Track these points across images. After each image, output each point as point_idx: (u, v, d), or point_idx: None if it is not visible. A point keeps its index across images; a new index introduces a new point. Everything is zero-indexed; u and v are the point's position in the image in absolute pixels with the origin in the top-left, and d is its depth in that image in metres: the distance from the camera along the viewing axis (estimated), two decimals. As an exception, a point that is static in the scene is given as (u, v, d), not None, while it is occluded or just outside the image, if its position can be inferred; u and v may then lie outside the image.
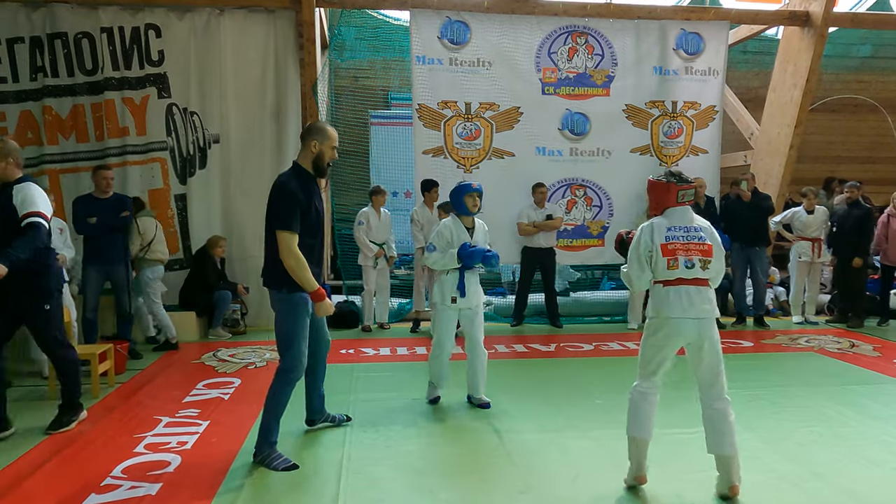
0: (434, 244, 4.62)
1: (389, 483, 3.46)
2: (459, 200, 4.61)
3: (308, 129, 3.75)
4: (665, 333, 3.17)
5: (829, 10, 8.20)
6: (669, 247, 3.17)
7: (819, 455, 3.82)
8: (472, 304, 4.66)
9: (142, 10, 7.49)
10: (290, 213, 3.48)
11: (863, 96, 10.63)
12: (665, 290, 3.18)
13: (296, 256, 3.48)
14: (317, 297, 3.58)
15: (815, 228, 7.90)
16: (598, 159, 8.33)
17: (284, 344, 3.64)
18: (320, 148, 3.65)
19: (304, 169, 3.66)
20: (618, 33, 8.25)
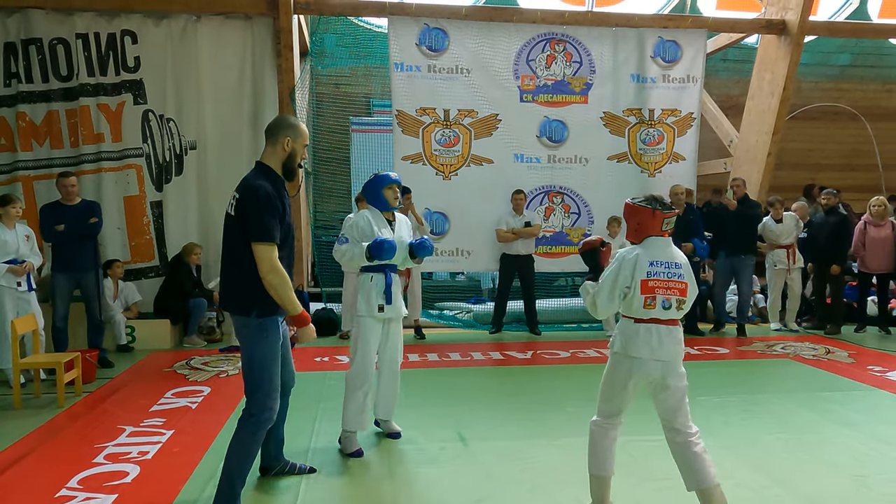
0: (346, 236, 4.00)
1: (350, 494, 3.43)
2: (378, 194, 3.99)
3: (277, 124, 3.14)
4: (627, 371, 2.95)
5: (805, 18, 8.27)
6: (650, 284, 2.90)
7: (783, 462, 3.81)
8: (399, 312, 4.05)
9: (118, 16, 7.46)
10: (271, 222, 2.94)
11: (842, 104, 10.70)
12: (636, 326, 2.95)
13: (279, 272, 2.93)
14: (301, 321, 3.01)
15: (787, 235, 7.91)
16: (575, 166, 8.34)
17: (254, 381, 3.04)
18: (293, 146, 3.09)
19: (273, 171, 3.08)
20: (595, 41, 8.28)
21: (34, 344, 5.53)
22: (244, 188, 3.00)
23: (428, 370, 6.17)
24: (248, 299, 2.99)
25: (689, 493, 2.93)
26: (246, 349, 3.05)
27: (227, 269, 3.10)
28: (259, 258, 2.93)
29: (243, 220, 2.94)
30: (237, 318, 3.07)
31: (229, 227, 3.04)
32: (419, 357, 6.62)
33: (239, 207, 2.97)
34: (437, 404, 5.01)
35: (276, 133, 3.10)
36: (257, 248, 2.92)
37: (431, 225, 8.13)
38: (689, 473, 2.92)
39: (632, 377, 2.95)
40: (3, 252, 5.51)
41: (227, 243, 3.07)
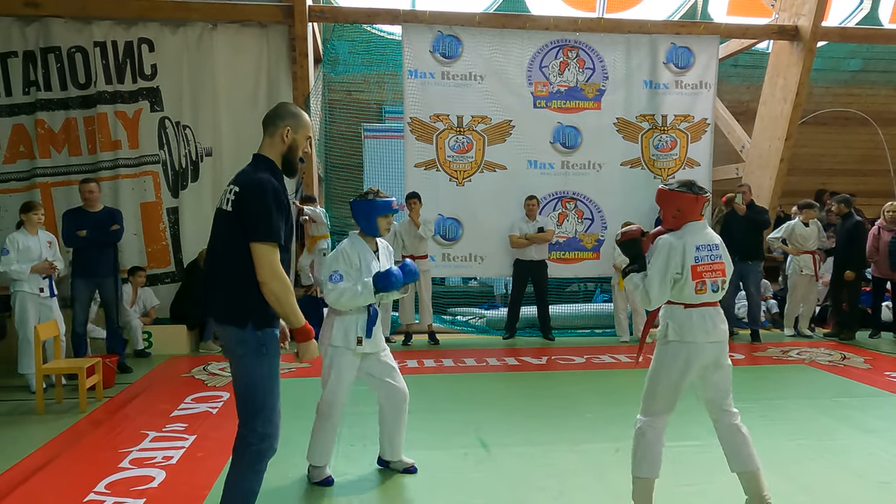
0: (340, 272, 3.49)
1: (376, 499, 3.44)
2: (371, 220, 3.58)
3: (277, 113, 2.75)
4: (686, 359, 2.92)
5: (817, 24, 8.28)
6: (699, 269, 2.92)
7: (807, 468, 3.81)
8: (379, 346, 3.66)
9: (135, 25, 7.54)
10: (277, 220, 2.58)
11: (853, 109, 10.69)
12: (688, 311, 2.95)
13: (282, 278, 2.56)
14: (304, 334, 2.61)
15: (813, 241, 7.86)
16: (589, 172, 8.36)
17: (254, 405, 2.60)
18: (293, 137, 2.71)
19: (275, 165, 2.72)
20: (608, 47, 8.31)
21: (55, 349, 5.58)
22: (247, 182, 2.61)
23: (444, 375, 6.19)
24: (245, 308, 2.58)
25: (709, 497, 2.95)
26: (243, 368, 2.61)
27: (217, 274, 2.67)
28: (259, 261, 2.54)
29: (244, 218, 2.56)
30: (231, 331, 2.61)
31: (223, 225, 2.65)
32: (434, 363, 6.64)
33: (239, 203, 2.58)
34: (456, 409, 5.03)
35: (275, 122, 2.72)
36: (258, 249, 2.53)
37: (445, 231, 8.17)
38: (737, 455, 3.00)
39: (690, 364, 2.94)
40: (27, 258, 5.58)
41: (218, 243, 2.69)
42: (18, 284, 5.57)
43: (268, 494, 3.32)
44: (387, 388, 3.67)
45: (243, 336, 2.58)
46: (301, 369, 6.34)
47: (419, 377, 6.14)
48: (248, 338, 2.58)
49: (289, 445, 3.92)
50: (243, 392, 2.63)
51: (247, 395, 2.61)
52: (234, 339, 2.60)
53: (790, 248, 7.96)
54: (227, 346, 2.68)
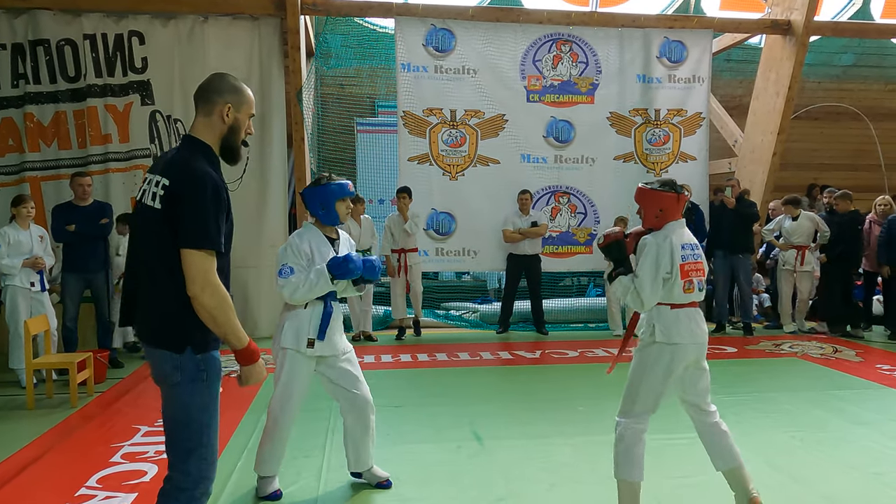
0: (290, 265, 3.21)
1: (369, 492, 3.43)
2: (330, 207, 3.29)
3: (213, 86, 2.27)
4: (670, 360, 2.89)
5: (810, 19, 8.29)
6: (686, 268, 2.90)
7: (800, 460, 3.83)
8: (337, 348, 3.33)
9: (125, 17, 7.46)
10: (215, 223, 2.12)
11: (845, 104, 10.73)
12: (675, 312, 2.91)
13: (217, 290, 2.11)
14: (247, 356, 2.17)
15: (800, 235, 7.89)
16: (582, 167, 8.36)
17: (189, 442, 2.18)
18: (235, 116, 2.26)
19: (211, 150, 2.25)
20: (601, 41, 8.31)
21: (46, 344, 5.53)
22: (180, 175, 2.14)
23: (438, 370, 6.19)
24: (183, 329, 2.14)
25: (703, 489, 2.96)
26: (178, 399, 2.18)
27: (145, 287, 2.20)
28: (190, 271, 2.08)
29: (175, 219, 2.10)
30: (162, 356, 2.17)
31: (149, 226, 2.17)
32: (428, 357, 6.64)
33: (170, 200, 2.11)
34: (450, 403, 5.03)
35: (210, 98, 2.25)
36: (190, 257, 2.08)
37: (438, 225, 8.16)
38: (720, 454, 2.98)
39: (674, 365, 2.90)
40: (18, 252, 5.54)
41: (143, 248, 2.21)
42: (9, 279, 5.54)
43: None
44: (347, 398, 3.37)
45: (180, 362, 2.15)
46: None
47: (413, 371, 6.14)
48: (185, 364, 2.15)
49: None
50: (176, 427, 2.19)
51: (180, 431, 2.18)
52: (167, 366, 2.17)
53: (779, 242, 7.97)
54: (158, 373, 2.21)
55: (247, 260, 7.70)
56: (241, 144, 2.32)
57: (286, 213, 8.00)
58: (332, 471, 3.69)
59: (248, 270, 7.70)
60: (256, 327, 7.68)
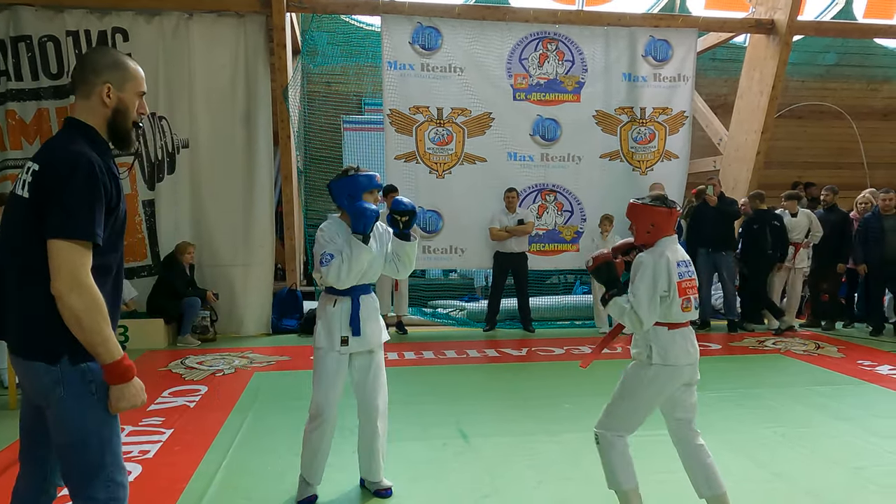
0: (328, 251, 3.11)
1: (355, 490, 3.43)
2: (358, 197, 3.15)
3: (88, 64, 2.00)
4: (664, 382, 2.82)
5: (793, 18, 8.37)
6: (683, 285, 2.81)
7: (782, 455, 3.87)
8: (369, 344, 3.26)
9: (109, 14, 7.39)
10: (88, 210, 1.82)
11: (828, 103, 10.85)
12: (671, 333, 2.83)
13: (88, 291, 1.80)
14: (116, 373, 1.86)
15: (798, 232, 7.89)
16: (568, 165, 8.39)
17: (87, 465, 1.90)
18: (118, 96, 1.98)
19: (95, 132, 1.98)
20: (587, 40, 8.33)
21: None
22: (52, 158, 1.89)
23: (424, 367, 6.19)
24: (55, 335, 1.84)
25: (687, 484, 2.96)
26: (67, 419, 1.87)
27: (10, 286, 1.91)
28: (56, 265, 1.78)
29: (43, 205, 1.83)
30: (38, 369, 1.87)
31: (17, 217, 1.90)
32: (415, 355, 6.64)
33: (37, 185, 1.85)
34: (436, 402, 5.03)
35: (86, 79, 1.97)
36: (56, 249, 1.79)
37: (425, 223, 8.15)
38: (706, 479, 2.87)
39: (667, 387, 2.84)
40: None
41: (10, 243, 1.92)
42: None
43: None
44: (364, 401, 3.33)
45: (59, 375, 1.85)
46: (282, 362, 6.31)
47: (400, 369, 6.14)
48: (66, 376, 1.85)
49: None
50: (71, 452, 1.90)
51: (77, 455, 1.89)
52: (45, 380, 1.86)
53: None
54: (36, 391, 1.90)
55: (234, 258, 7.67)
56: (131, 127, 2.04)
57: (273, 211, 7.97)
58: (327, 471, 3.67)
59: (235, 269, 7.67)
60: (242, 325, 7.66)
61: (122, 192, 1.98)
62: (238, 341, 7.30)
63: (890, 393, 5.23)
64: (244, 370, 5.97)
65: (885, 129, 11.80)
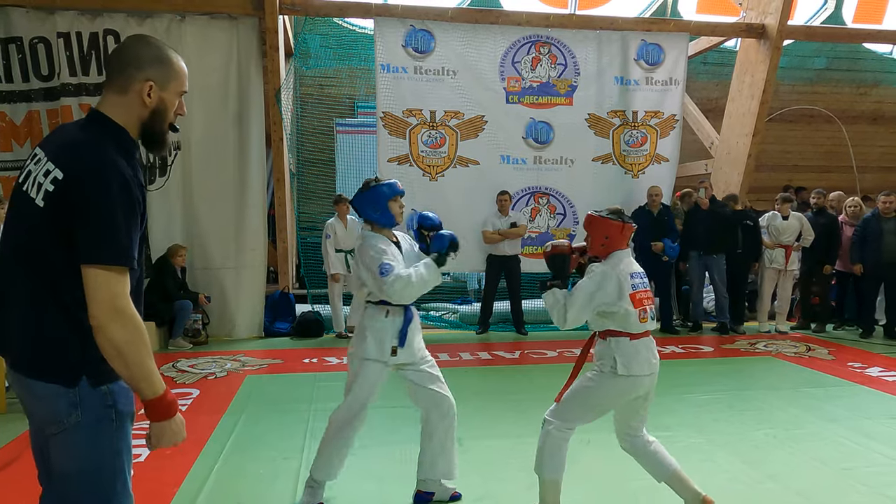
0: (387, 262, 3.07)
1: (350, 492, 3.43)
2: (383, 207, 3.19)
3: (130, 54, 1.77)
4: (623, 391, 2.90)
5: (783, 23, 8.42)
6: (638, 296, 2.88)
7: (773, 456, 3.89)
8: (414, 356, 3.25)
9: (100, 16, 7.36)
10: (127, 231, 1.65)
11: (818, 107, 10.93)
12: (633, 344, 2.89)
13: (131, 321, 1.63)
14: (161, 410, 1.70)
15: (790, 235, 7.92)
16: (561, 168, 8.41)
17: (95, 496, 1.72)
18: (160, 97, 1.77)
19: (125, 132, 1.76)
20: (580, 44, 8.36)
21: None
22: (79, 162, 1.65)
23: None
24: (74, 355, 1.67)
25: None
26: (80, 445, 1.69)
27: (20, 298, 1.70)
28: (95, 293, 1.60)
29: (74, 223, 1.62)
30: (50, 391, 1.68)
31: (27, 222, 1.70)
32: (408, 358, 6.63)
33: (64, 198, 1.63)
34: (429, 404, 5.02)
35: (126, 71, 1.75)
36: (95, 277, 1.61)
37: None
38: (657, 467, 3.00)
39: (624, 395, 2.91)
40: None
41: (15, 252, 1.72)
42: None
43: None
44: (433, 399, 3.28)
45: (78, 397, 1.68)
46: (274, 365, 6.30)
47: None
48: (86, 399, 1.68)
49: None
50: (80, 482, 1.71)
51: (87, 486, 1.71)
52: (61, 403, 1.67)
53: (767, 240, 8.02)
54: (46, 414, 1.70)
55: (226, 261, 7.65)
56: (167, 130, 1.84)
57: (265, 215, 7.95)
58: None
59: (227, 271, 7.65)
60: (234, 328, 7.64)
61: (146, 198, 1.78)
62: (230, 344, 7.28)
63: (879, 395, 5.27)
64: (236, 373, 5.95)
65: (874, 132, 11.90)
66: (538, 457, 2.99)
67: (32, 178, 1.71)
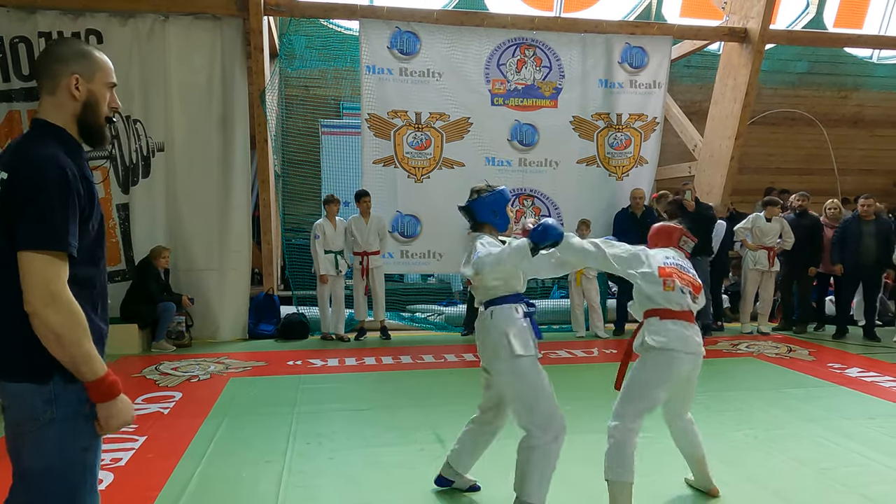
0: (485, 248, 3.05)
1: (329, 496, 3.43)
2: (502, 210, 3.28)
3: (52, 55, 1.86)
4: (661, 364, 3.04)
5: (765, 27, 8.51)
6: (667, 269, 3.15)
7: (753, 457, 3.93)
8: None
9: (82, 15, 7.30)
10: (61, 218, 1.70)
11: (800, 110, 11.06)
12: (663, 322, 3.08)
13: (66, 306, 1.68)
14: (103, 390, 1.74)
15: (772, 237, 8.00)
16: (546, 170, 8.45)
17: (62, 493, 1.79)
18: (88, 88, 1.85)
19: (65, 132, 1.85)
20: (565, 46, 8.40)
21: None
22: (20, 163, 1.74)
23: (402, 372, 6.19)
24: (41, 354, 1.71)
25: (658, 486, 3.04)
26: (51, 442, 1.75)
27: None
28: (29, 279, 1.66)
29: (13, 216, 1.70)
30: (22, 391, 1.74)
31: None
32: (392, 360, 6.64)
33: (7, 195, 1.71)
34: (414, 406, 5.03)
35: (52, 72, 1.83)
36: (29, 262, 1.67)
37: (403, 228, 8.17)
38: (688, 447, 3.33)
39: (671, 372, 3.07)
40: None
41: None
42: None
43: None
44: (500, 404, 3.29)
45: (53, 394, 1.73)
46: (258, 367, 6.27)
47: (377, 374, 6.14)
48: (61, 395, 1.74)
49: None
50: (48, 479, 1.76)
51: (55, 483, 1.76)
52: (35, 401, 1.73)
53: (749, 242, 8.09)
54: (20, 413, 1.75)
55: (210, 262, 7.61)
56: (104, 122, 1.90)
57: (249, 216, 7.91)
58: (293, 475, 3.66)
59: (210, 273, 7.61)
60: (218, 330, 7.60)
61: (95, 197, 1.82)
62: (214, 346, 7.24)
63: (858, 395, 5.34)
64: (219, 376, 5.92)
65: (855, 136, 12.05)
66: (605, 460, 3.03)
67: None
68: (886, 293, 9.00)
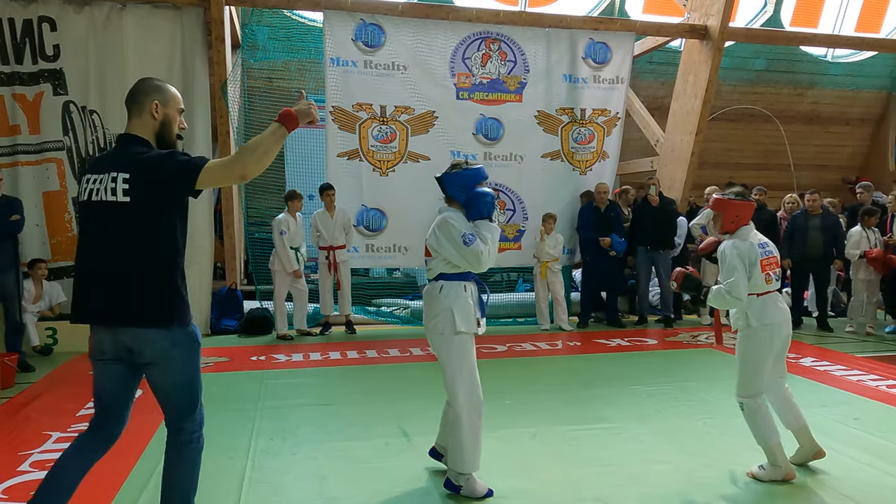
0: (468, 232, 3.24)
1: (294, 492, 3.40)
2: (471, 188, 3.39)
3: (139, 89, 2.55)
4: (770, 339, 3.43)
5: (725, 24, 8.68)
6: (765, 263, 3.47)
7: (711, 444, 4.03)
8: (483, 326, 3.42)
9: (34, 2, 7.07)
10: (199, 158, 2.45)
11: (758, 107, 11.31)
12: (760, 299, 3.45)
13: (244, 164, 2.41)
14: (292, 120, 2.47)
15: None
16: (511, 164, 8.48)
17: (194, 398, 2.61)
18: (164, 112, 2.54)
19: (150, 144, 2.53)
20: (529, 41, 8.44)
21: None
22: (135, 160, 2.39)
23: (367, 367, 6.16)
24: (170, 306, 2.45)
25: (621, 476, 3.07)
26: (179, 367, 2.52)
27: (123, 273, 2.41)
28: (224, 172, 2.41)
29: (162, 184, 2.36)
30: (153, 335, 2.45)
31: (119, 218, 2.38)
32: (358, 354, 6.61)
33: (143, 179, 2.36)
34: (379, 400, 5.02)
35: (138, 100, 2.50)
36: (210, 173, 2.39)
37: (368, 222, 8.13)
38: (790, 416, 3.62)
39: (773, 343, 3.44)
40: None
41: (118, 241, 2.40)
42: None
43: None
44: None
45: (175, 336, 2.47)
46: (220, 364, 6.17)
47: (342, 368, 6.11)
48: (181, 338, 2.50)
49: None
50: (180, 391, 2.57)
51: (184, 393, 2.58)
52: (164, 342, 2.45)
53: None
54: (152, 350, 2.45)
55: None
56: (175, 138, 2.57)
57: (211, 209, 7.79)
58: (256, 471, 3.63)
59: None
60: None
61: None
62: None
63: (812, 384, 5.50)
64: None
65: (810, 132, 12.39)
66: (754, 431, 3.49)
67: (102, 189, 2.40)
68: (839, 285, 9.27)
